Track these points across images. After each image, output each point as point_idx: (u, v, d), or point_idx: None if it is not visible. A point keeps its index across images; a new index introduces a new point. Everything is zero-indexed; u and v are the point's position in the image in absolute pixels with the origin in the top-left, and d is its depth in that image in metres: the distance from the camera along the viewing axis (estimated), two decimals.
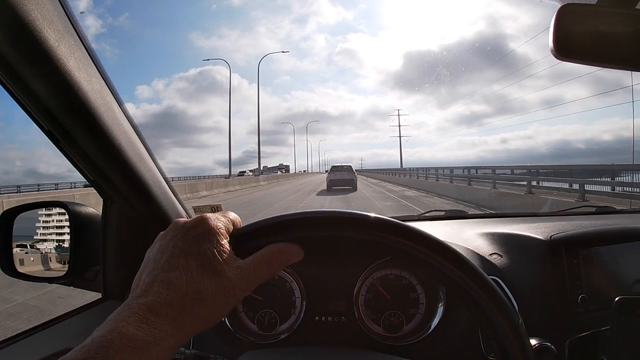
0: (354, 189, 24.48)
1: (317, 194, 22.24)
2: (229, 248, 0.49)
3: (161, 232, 0.51)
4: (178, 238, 0.48)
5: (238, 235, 0.52)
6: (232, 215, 0.54)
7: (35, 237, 1.11)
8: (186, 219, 0.51)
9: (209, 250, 0.47)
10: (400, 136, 72.38)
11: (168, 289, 0.43)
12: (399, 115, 73.89)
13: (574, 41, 0.69)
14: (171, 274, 0.44)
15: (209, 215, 0.51)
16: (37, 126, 0.78)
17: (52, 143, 0.82)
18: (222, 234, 0.49)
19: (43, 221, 1.11)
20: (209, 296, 0.45)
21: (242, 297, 0.48)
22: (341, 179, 25.89)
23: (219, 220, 0.51)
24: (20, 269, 1.00)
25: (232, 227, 0.52)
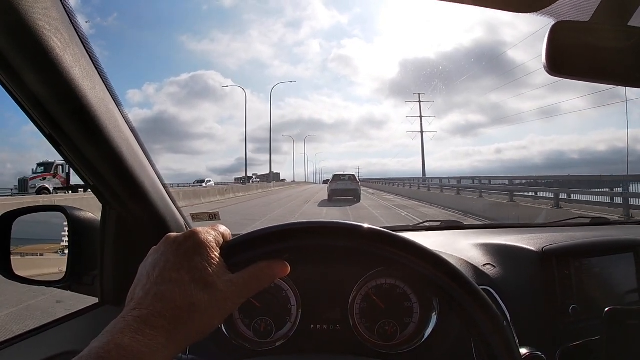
0: (357, 200, 22.39)
1: None
2: (219, 261, 0.50)
3: (153, 247, 0.52)
4: (169, 252, 0.49)
5: (228, 248, 0.53)
6: (222, 228, 0.55)
7: (33, 241, 1.11)
8: (177, 233, 0.52)
9: (200, 263, 0.48)
10: (422, 132, 49.25)
11: (161, 302, 0.44)
12: (419, 101, 49.99)
13: (567, 57, 0.70)
14: (164, 287, 0.46)
15: (199, 229, 0.52)
16: (39, 130, 0.79)
17: (47, 147, 0.83)
18: (212, 247, 0.50)
19: (41, 225, 1.11)
20: (202, 308, 0.46)
21: (234, 309, 0.50)
22: (343, 188, 23.52)
23: (209, 234, 0.52)
24: (18, 272, 1.00)
25: (222, 240, 0.53)
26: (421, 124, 50.53)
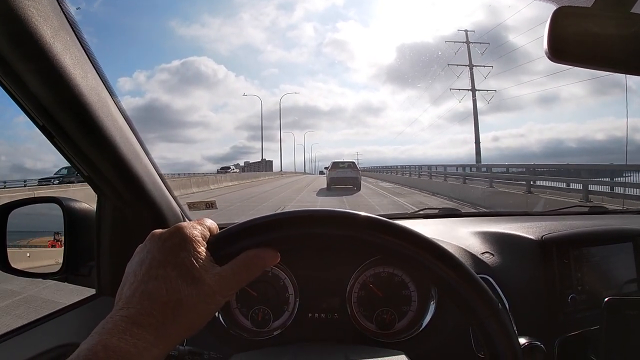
0: (358, 189, 21.54)
1: None
2: (206, 255, 0.49)
3: (139, 245, 0.52)
4: (155, 249, 0.48)
5: (215, 242, 0.52)
6: (209, 222, 0.55)
7: (29, 233, 1.11)
8: (162, 229, 0.51)
9: (187, 258, 0.47)
10: (473, 89, 30.10)
11: (149, 300, 0.44)
12: (467, 42, 30.47)
13: (568, 44, 0.69)
14: (151, 285, 0.45)
15: (185, 223, 0.52)
16: (32, 122, 0.78)
17: (41, 138, 0.82)
18: (198, 241, 0.50)
19: (37, 217, 1.11)
20: (190, 304, 0.45)
21: (223, 302, 0.49)
22: (343, 177, 22.75)
23: (194, 228, 0.51)
24: (14, 265, 1.00)
25: (208, 234, 0.53)
26: (472, 78, 30.00)
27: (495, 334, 0.54)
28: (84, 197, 1.13)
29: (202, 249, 0.49)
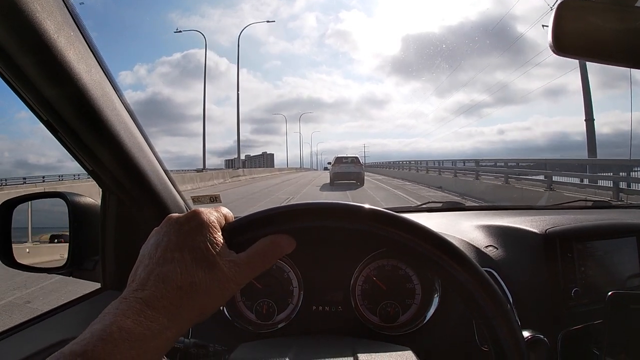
0: (361, 184, 21.55)
1: None
2: (222, 241, 0.49)
3: (155, 228, 0.51)
4: (172, 233, 0.48)
5: (230, 229, 0.52)
6: (225, 210, 0.55)
7: (34, 228, 1.11)
8: (179, 214, 0.51)
9: (203, 243, 0.47)
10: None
11: (164, 283, 0.44)
12: None
13: (572, 37, 0.69)
14: (166, 267, 0.45)
15: (202, 209, 0.52)
16: (36, 117, 0.78)
17: (45, 134, 0.82)
18: (215, 227, 0.50)
19: (42, 212, 1.11)
20: (203, 288, 0.45)
21: (237, 290, 0.49)
22: (346, 172, 22.74)
23: (211, 214, 0.51)
24: (19, 260, 1.01)
25: (224, 221, 0.53)
26: None
27: (502, 332, 0.54)
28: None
29: (218, 235, 0.49)
